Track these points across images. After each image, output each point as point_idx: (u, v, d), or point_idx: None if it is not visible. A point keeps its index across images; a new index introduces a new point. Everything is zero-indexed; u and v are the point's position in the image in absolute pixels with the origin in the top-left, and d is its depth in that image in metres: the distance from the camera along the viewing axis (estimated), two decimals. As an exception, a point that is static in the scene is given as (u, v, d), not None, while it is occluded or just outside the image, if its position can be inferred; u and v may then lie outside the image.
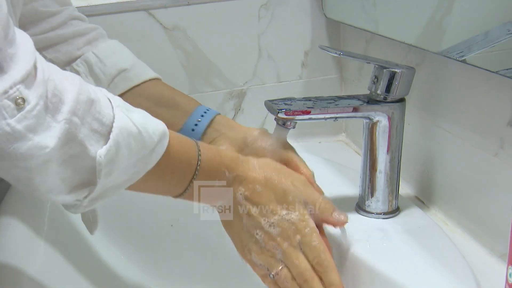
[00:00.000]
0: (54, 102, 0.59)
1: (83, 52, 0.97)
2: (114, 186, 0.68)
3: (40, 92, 0.57)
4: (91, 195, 0.65)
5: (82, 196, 0.65)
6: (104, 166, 0.63)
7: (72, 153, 0.61)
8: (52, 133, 0.58)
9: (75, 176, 0.63)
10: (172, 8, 1.23)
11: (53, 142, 0.58)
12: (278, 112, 0.89)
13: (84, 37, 0.98)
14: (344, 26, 1.30)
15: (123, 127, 0.65)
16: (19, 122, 0.55)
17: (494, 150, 0.87)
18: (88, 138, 0.62)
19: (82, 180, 0.64)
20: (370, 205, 0.98)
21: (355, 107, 0.92)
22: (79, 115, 0.61)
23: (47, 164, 0.59)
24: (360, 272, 0.89)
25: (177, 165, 0.76)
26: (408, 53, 1.05)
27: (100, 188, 0.65)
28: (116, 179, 0.67)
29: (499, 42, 0.83)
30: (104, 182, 0.65)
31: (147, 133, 0.68)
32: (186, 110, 0.98)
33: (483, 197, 0.91)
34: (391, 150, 0.94)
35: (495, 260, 0.89)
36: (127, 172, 0.68)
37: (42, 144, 0.57)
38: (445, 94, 0.98)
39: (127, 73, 0.97)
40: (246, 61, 1.30)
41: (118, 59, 0.99)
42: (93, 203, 0.67)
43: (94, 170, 0.63)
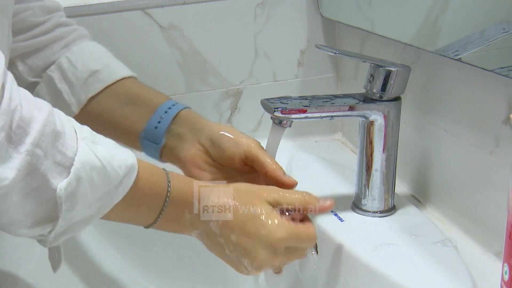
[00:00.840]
0: (18, 133, 0.57)
1: (58, 57, 0.96)
2: (79, 221, 0.66)
3: (2, 123, 0.56)
4: (55, 230, 0.64)
5: (46, 231, 0.64)
6: (65, 200, 0.62)
7: (34, 186, 0.60)
8: (12, 164, 0.57)
9: (37, 210, 0.62)
10: (168, 7, 1.23)
11: (12, 174, 0.57)
12: (274, 111, 0.89)
13: (62, 41, 0.97)
14: (340, 25, 1.30)
15: (85, 161, 0.63)
16: None
17: (489, 148, 0.87)
18: (50, 170, 0.60)
19: (45, 215, 0.62)
20: (366, 204, 0.98)
21: (351, 105, 0.92)
22: (42, 147, 0.59)
23: (7, 196, 0.58)
24: (355, 270, 0.89)
25: (146, 198, 0.74)
26: (404, 52, 1.05)
27: (64, 223, 0.64)
28: (80, 213, 0.65)
29: (494, 41, 0.83)
30: (67, 217, 0.64)
31: (111, 167, 0.66)
32: (151, 107, 0.96)
33: (479, 195, 0.92)
34: (387, 149, 0.94)
35: (490, 258, 0.89)
36: (92, 207, 0.67)
37: (1, 176, 0.56)
38: (440, 92, 0.98)
39: (98, 74, 0.96)
40: (242, 60, 1.30)
41: (89, 61, 0.97)
42: (59, 239, 0.66)
43: (56, 204, 0.62)
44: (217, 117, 1.31)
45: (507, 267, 0.71)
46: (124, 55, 1.22)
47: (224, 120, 1.31)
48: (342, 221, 0.97)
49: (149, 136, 0.94)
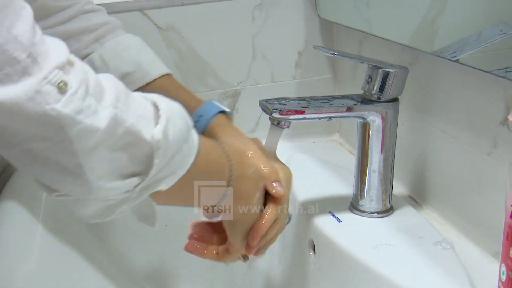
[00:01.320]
0: (97, 89, 0.57)
1: (90, 51, 0.95)
2: (165, 174, 0.66)
3: (80, 78, 0.56)
4: (143, 183, 0.63)
5: (133, 186, 0.63)
6: (162, 143, 0.62)
7: (125, 141, 0.60)
8: (100, 116, 0.56)
9: (129, 164, 0.61)
10: (166, 8, 1.23)
11: (103, 124, 0.57)
12: (273, 112, 0.89)
13: (92, 34, 0.96)
14: (337, 26, 1.30)
15: (167, 107, 0.64)
16: (64, 106, 0.54)
17: (487, 149, 0.88)
18: (138, 123, 0.60)
19: (136, 168, 0.62)
20: (364, 205, 0.98)
21: (349, 106, 0.92)
22: (122, 101, 0.59)
23: (97, 149, 0.58)
24: (353, 271, 0.89)
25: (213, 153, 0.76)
26: (402, 53, 1.05)
27: (155, 172, 0.63)
28: (168, 162, 0.65)
29: (491, 42, 0.83)
30: (160, 164, 0.63)
31: (183, 111, 0.68)
32: None
33: (477, 196, 0.92)
34: (384, 150, 0.95)
35: (488, 259, 0.89)
36: (175, 159, 0.66)
37: (92, 127, 0.56)
38: (438, 93, 0.98)
39: (130, 76, 0.95)
40: (240, 61, 1.30)
41: (122, 61, 0.97)
42: (143, 194, 0.65)
43: (149, 156, 0.62)
44: (215, 118, 1.31)
45: (504, 268, 0.71)
46: (122, 56, 1.22)
47: (222, 121, 1.31)
48: (339, 222, 0.97)
49: None
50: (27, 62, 0.52)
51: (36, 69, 0.53)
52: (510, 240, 0.69)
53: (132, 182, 0.62)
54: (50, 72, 0.53)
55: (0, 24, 0.51)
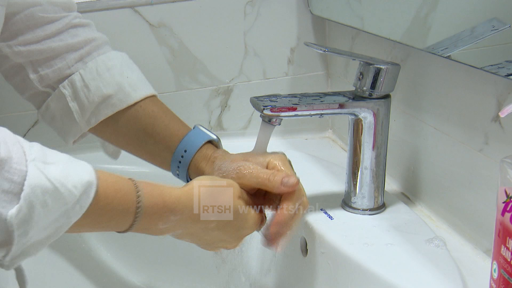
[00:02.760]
0: None
1: (72, 71, 0.94)
2: (36, 243, 0.65)
3: None
4: (10, 254, 0.62)
5: (1, 256, 0.62)
6: (17, 227, 0.60)
7: None
8: None
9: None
10: (158, 5, 1.22)
11: None
12: (264, 109, 0.89)
13: (77, 52, 0.94)
14: (330, 23, 1.30)
15: (35, 185, 0.61)
16: None
17: (478, 146, 0.88)
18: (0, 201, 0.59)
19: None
20: (356, 202, 0.98)
21: (340, 103, 0.92)
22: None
23: None
24: (345, 268, 0.89)
25: (113, 212, 0.72)
26: (393, 50, 1.05)
27: (19, 247, 0.62)
28: (35, 236, 0.64)
29: (483, 38, 0.83)
30: (22, 241, 0.62)
31: (65, 188, 0.64)
32: (161, 154, 0.95)
33: (468, 192, 0.92)
34: (376, 146, 0.94)
35: (480, 255, 0.89)
36: (48, 229, 0.65)
37: None
38: (430, 90, 0.98)
39: (111, 99, 0.94)
40: (232, 58, 1.30)
41: (103, 83, 0.95)
42: (16, 262, 0.64)
43: (8, 233, 0.60)
44: (207, 115, 1.31)
45: (496, 265, 0.71)
46: (113, 53, 1.22)
47: (214, 118, 1.31)
48: (331, 219, 0.97)
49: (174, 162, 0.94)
50: None
51: None
52: (502, 237, 0.69)
53: None
54: None
55: None
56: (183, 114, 1.27)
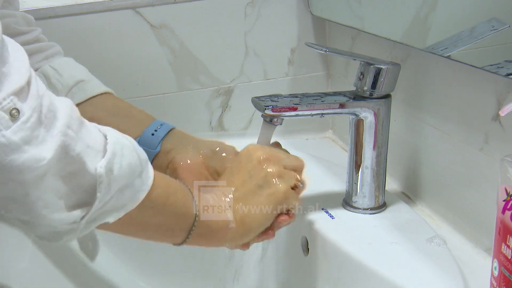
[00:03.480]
0: (48, 116, 0.57)
1: (40, 66, 0.96)
2: (112, 209, 0.66)
3: (34, 105, 0.56)
4: (89, 215, 0.63)
5: (79, 217, 0.63)
6: (105, 177, 0.62)
7: (70, 169, 0.60)
8: (48, 145, 0.57)
9: (73, 194, 0.61)
10: (159, 6, 1.23)
11: (49, 154, 0.57)
12: (265, 109, 0.89)
13: (43, 53, 0.98)
14: (330, 23, 1.30)
15: (116, 140, 0.64)
16: (14, 133, 0.54)
17: (479, 145, 0.88)
18: (84, 153, 0.60)
19: (80, 199, 0.62)
20: (357, 201, 0.98)
21: (341, 103, 0.92)
22: (73, 129, 0.60)
23: (44, 178, 0.57)
24: (346, 267, 0.89)
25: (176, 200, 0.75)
26: (394, 50, 1.05)
27: (99, 206, 0.63)
28: (113, 199, 0.65)
29: (483, 38, 0.84)
30: (104, 199, 0.63)
31: (137, 147, 0.68)
32: (143, 120, 0.97)
33: (469, 191, 0.92)
34: (377, 146, 0.95)
35: (480, 254, 0.89)
36: (125, 193, 0.66)
37: (38, 156, 0.56)
38: (430, 89, 0.98)
39: (84, 84, 0.97)
40: (233, 58, 1.30)
41: (74, 71, 0.98)
42: (90, 226, 0.65)
43: (93, 188, 0.62)
44: (208, 116, 1.31)
45: (496, 263, 0.71)
46: (115, 54, 1.22)
47: (215, 119, 1.32)
48: (333, 218, 0.97)
49: (144, 142, 0.94)
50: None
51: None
52: (502, 236, 0.70)
53: (77, 215, 0.62)
54: (4, 99, 0.54)
55: None
56: (184, 114, 1.28)
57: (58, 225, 0.62)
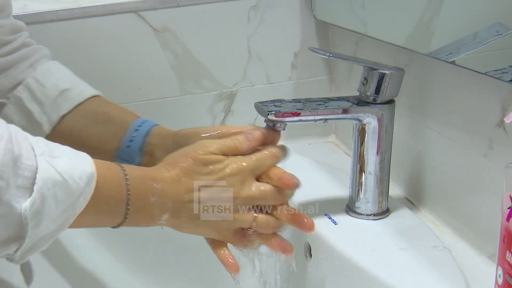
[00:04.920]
0: None
1: (24, 77, 0.96)
2: (45, 236, 0.67)
3: None
4: (21, 248, 0.65)
5: (12, 250, 0.64)
6: (31, 219, 0.63)
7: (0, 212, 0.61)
8: None
9: (3, 233, 0.62)
10: (162, 9, 1.23)
11: None
12: (268, 114, 0.89)
13: (27, 61, 0.97)
14: (333, 28, 1.30)
15: (46, 178, 0.64)
16: None
17: (483, 151, 0.87)
18: (13, 196, 0.61)
19: (11, 235, 0.63)
20: (360, 207, 0.98)
21: (344, 108, 0.92)
22: (4, 178, 0.60)
23: None
24: (349, 273, 0.89)
25: (109, 199, 0.75)
26: (397, 54, 1.05)
27: (30, 240, 0.64)
28: (45, 229, 0.66)
29: (487, 43, 0.83)
30: (33, 235, 0.64)
31: (72, 179, 0.67)
32: (121, 126, 0.96)
33: (473, 197, 0.92)
34: (380, 151, 0.94)
35: (484, 261, 0.89)
36: (57, 221, 0.67)
37: None
38: (434, 95, 0.98)
39: (68, 92, 0.96)
40: (236, 62, 1.30)
41: (57, 80, 0.97)
42: (26, 256, 0.67)
43: (22, 225, 0.63)
44: (211, 120, 1.31)
45: (501, 270, 0.71)
46: (117, 58, 1.22)
47: (218, 123, 1.31)
48: (336, 224, 0.97)
49: (123, 155, 0.94)
50: None
51: None
52: (507, 243, 0.69)
53: (10, 248, 0.64)
54: None
55: None
56: (186, 118, 1.28)
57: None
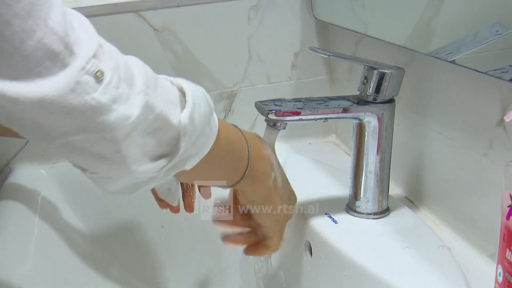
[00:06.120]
0: (128, 75, 0.59)
1: None
2: (189, 155, 0.68)
3: (113, 65, 0.57)
4: (170, 164, 0.65)
5: (161, 166, 0.65)
6: (188, 128, 0.64)
7: (155, 126, 0.62)
8: (133, 103, 0.58)
9: (158, 147, 0.63)
10: (162, 9, 1.23)
11: (136, 111, 0.58)
12: (268, 113, 0.89)
13: None
14: (333, 27, 1.30)
15: (193, 92, 0.66)
16: (102, 95, 0.55)
17: (483, 150, 0.88)
18: (166, 108, 0.62)
19: (164, 150, 0.64)
20: (360, 206, 0.98)
21: (345, 108, 0.92)
22: (151, 88, 0.61)
23: (132, 134, 0.59)
24: (349, 272, 0.89)
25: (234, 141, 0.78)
26: (397, 54, 1.05)
27: (180, 156, 0.65)
28: (192, 146, 0.67)
29: (487, 43, 0.83)
30: (185, 147, 0.65)
31: (207, 98, 0.70)
32: None
33: (473, 197, 0.92)
34: (381, 151, 0.95)
35: (484, 260, 0.89)
36: (199, 140, 0.68)
37: (126, 114, 0.58)
38: (434, 94, 0.98)
39: None
40: (236, 62, 1.30)
41: None
42: (169, 174, 0.68)
43: (176, 139, 0.64)
44: (211, 120, 1.31)
45: (501, 269, 0.71)
46: (118, 58, 1.22)
47: (218, 123, 1.31)
48: (336, 223, 0.97)
49: None
50: (65, 53, 0.53)
51: (73, 59, 0.54)
52: (507, 242, 0.69)
53: (160, 164, 0.64)
54: (87, 62, 0.55)
55: (37, 17, 0.51)
56: (187, 118, 1.28)
57: (141, 176, 0.64)
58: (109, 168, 0.62)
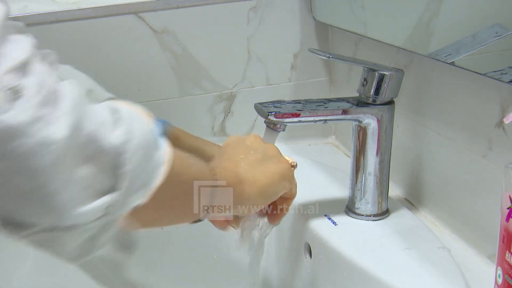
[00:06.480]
0: (55, 95, 0.51)
1: None
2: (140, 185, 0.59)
3: (36, 82, 0.50)
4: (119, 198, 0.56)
5: (108, 205, 0.55)
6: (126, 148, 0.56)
7: (86, 152, 0.53)
8: (57, 125, 0.50)
9: (96, 180, 0.54)
10: (162, 11, 1.23)
11: (60, 134, 0.50)
12: (268, 115, 0.89)
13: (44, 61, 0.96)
14: (333, 29, 1.30)
15: (127, 110, 0.58)
16: (14, 116, 0.47)
17: (482, 152, 0.88)
18: (98, 130, 0.54)
19: (106, 184, 0.55)
20: (360, 207, 0.98)
21: (344, 109, 0.92)
22: (82, 106, 0.53)
23: (58, 165, 0.50)
24: (349, 274, 0.89)
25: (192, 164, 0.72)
26: (397, 55, 1.05)
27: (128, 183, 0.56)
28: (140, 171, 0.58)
29: (487, 45, 0.83)
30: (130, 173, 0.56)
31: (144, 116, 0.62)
32: None
33: (472, 198, 0.92)
34: (380, 152, 0.95)
35: (484, 261, 0.89)
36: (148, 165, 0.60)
37: (48, 138, 0.49)
38: (433, 96, 0.98)
39: (92, 94, 0.94)
40: (236, 63, 1.30)
41: (80, 80, 0.95)
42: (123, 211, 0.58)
43: (116, 166, 0.55)
44: (211, 121, 1.31)
45: (500, 271, 0.71)
46: (117, 59, 1.22)
47: (218, 124, 1.31)
48: (335, 225, 0.97)
49: None
50: None
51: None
52: (506, 243, 0.69)
53: (106, 201, 0.55)
54: (1, 76, 0.48)
55: None
56: (186, 119, 1.28)
57: (88, 222, 0.54)
58: (38, 211, 0.51)
